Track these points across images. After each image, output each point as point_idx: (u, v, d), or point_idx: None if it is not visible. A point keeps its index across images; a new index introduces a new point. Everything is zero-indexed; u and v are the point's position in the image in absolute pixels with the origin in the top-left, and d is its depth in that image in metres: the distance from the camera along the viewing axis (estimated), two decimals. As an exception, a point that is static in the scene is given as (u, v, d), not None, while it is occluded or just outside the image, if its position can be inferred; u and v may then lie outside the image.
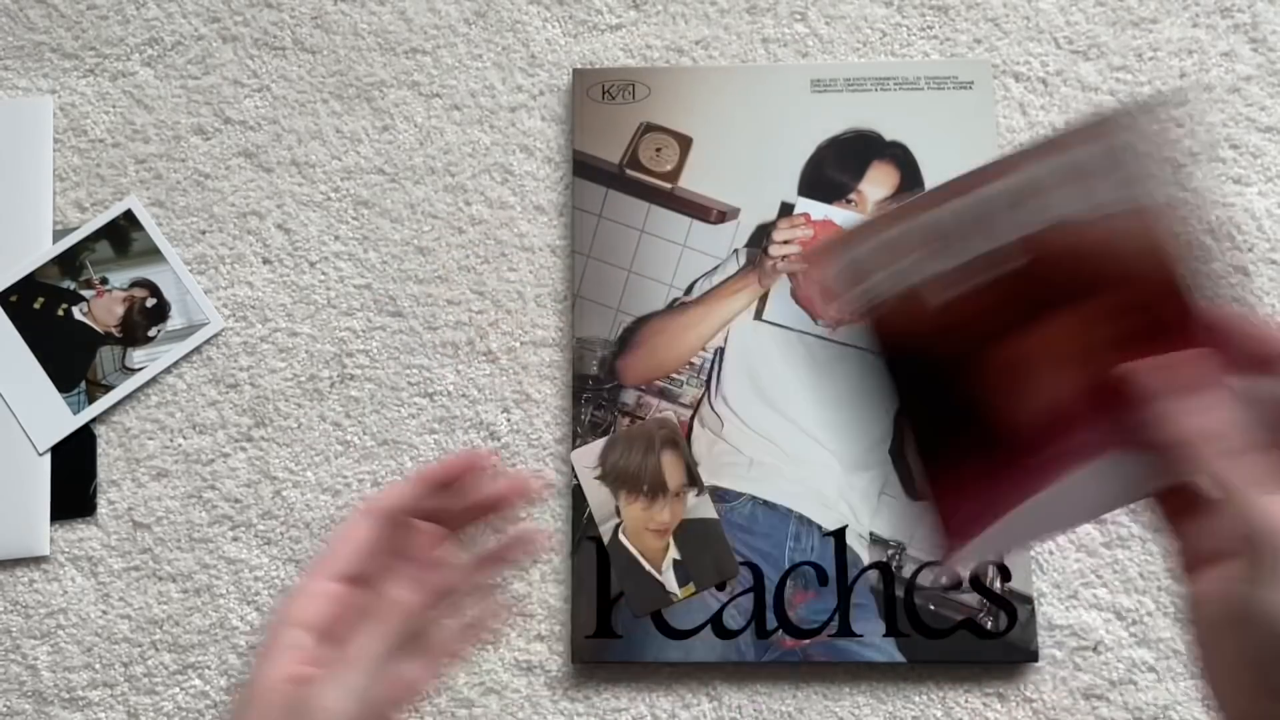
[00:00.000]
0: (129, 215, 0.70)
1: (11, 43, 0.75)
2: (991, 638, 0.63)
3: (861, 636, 0.63)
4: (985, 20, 0.72)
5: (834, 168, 0.69)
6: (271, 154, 0.72)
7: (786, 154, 0.69)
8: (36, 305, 0.68)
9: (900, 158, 0.69)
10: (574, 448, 0.66)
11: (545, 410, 0.68)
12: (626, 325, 0.68)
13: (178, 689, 0.65)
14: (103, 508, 0.68)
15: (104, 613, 0.67)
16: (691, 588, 0.64)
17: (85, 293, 0.69)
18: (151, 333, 0.69)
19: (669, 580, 0.64)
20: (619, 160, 0.70)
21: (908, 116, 0.69)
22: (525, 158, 0.72)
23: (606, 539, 0.64)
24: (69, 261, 0.69)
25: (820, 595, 0.64)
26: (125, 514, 0.68)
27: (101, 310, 0.68)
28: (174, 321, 0.69)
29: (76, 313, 0.68)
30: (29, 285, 0.69)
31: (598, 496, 0.65)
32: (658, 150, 0.70)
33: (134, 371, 0.68)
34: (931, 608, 0.63)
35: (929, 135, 0.69)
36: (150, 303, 0.69)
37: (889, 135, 0.69)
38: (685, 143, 0.70)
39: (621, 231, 0.69)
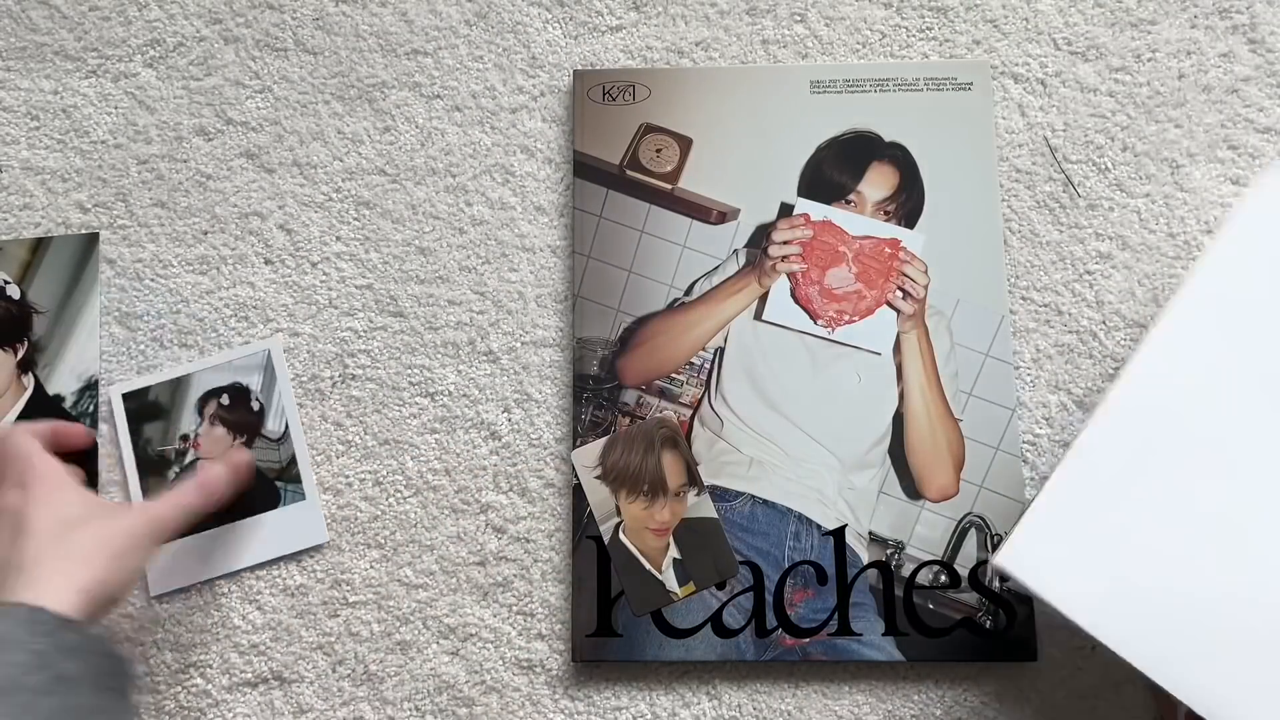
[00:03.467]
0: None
1: (14, 44, 0.75)
2: (990, 637, 0.63)
3: (861, 635, 0.63)
4: (984, 21, 0.73)
5: (833, 168, 0.69)
6: (273, 155, 0.73)
7: (786, 155, 0.69)
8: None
9: (900, 158, 0.69)
10: (574, 447, 0.66)
11: (546, 410, 0.68)
12: (626, 325, 0.68)
13: (179, 688, 0.65)
14: (105, 507, 0.68)
15: (106, 612, 0.67)
16: (691, 586, 0.64)
17: (182, 456, 0.68)
18: (269, 429, 0.68)
19: (669, 579, 0.64)
20: (619, 161, 0.70)
21: (907, 117, 0.70)
22: (526, 158, 0.72)
23: (607, 538, 0.65)
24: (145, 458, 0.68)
25: (819, 594, 0.64)
26: (127, 513, 0.68)
27: (212, 446, 0.68)
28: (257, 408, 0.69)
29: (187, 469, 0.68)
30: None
31: (598, 496, 0.65)
32: (658, 151, 0.70)
33: (283, 438, 0.68)
34: (930, 607, 0.63)
35: (928, 136, 0.69)
36: (224, 400, 0.69)
37: (888, 136, 0.70)
38: (685, 143, 0.70)
39: (622, 232, 0.69)
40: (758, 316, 0.68)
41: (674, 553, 0.65)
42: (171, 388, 0.69)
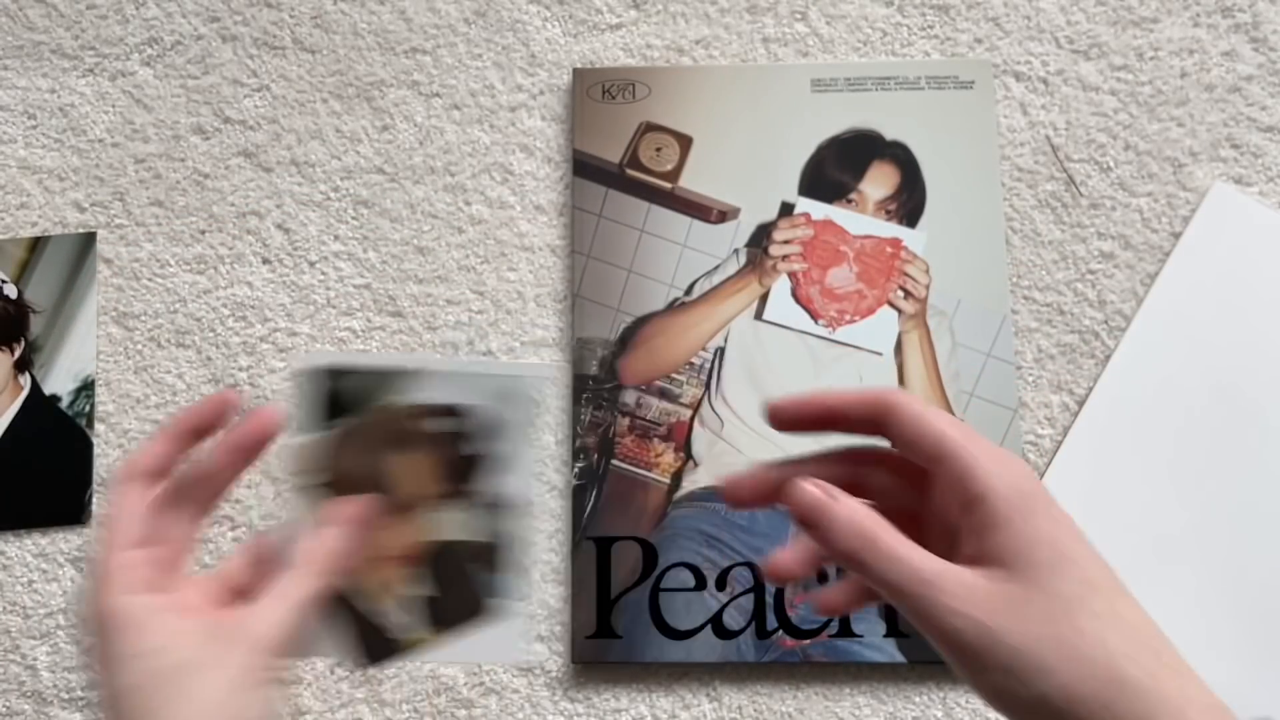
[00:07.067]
0: None
1: (11, 42, 0.75)
2: (992, 638, 0.62)
3: (862, 637, 0.63)
4: (986, 20, 0.72)
5: (834, 167, 0.69)
6: (271, 154, 0.72)
7: (787, 154, 0.69)
8: None
9: (901, 157, 0.69)
10: (574, 448, 0.66)
11: (545, 411, 0.68)
12: (626, 325, 0.68)
13: (177, 689, 0.65)
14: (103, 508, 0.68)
15: (103, 613, 0.66)
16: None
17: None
18: None
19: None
20: (619, 160, 0.70)
21: (908, 116, 0.69)
22: (525, 157, 0.72)
23: None
24: None
25: (821, 596, 0.63)
26: (124, 514, 0.68)
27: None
28: None
29: None
30: None
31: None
32: (658, 150, 0.70)
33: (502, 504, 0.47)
34: (932, 608, 0.63)
35: (930, 135, 0.69)
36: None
37: (889, 135, 0.69)
38: (685, 142, 0.70)
39: (621, 231, 0.69)
40: (758, 316, 0.67)
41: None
42: (373, 382, 0.46)
